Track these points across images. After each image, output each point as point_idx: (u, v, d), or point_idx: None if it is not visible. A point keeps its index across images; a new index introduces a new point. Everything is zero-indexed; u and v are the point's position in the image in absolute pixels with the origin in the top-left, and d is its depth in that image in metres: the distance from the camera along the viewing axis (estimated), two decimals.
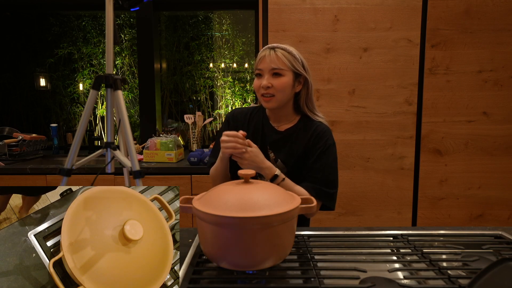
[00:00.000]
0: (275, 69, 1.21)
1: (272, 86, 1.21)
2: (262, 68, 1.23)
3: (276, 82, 1.21)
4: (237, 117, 1.36)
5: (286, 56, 1.22)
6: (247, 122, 1.34)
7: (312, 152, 1.26)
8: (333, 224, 2.23)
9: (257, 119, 1.34)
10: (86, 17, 3.05)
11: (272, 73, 1.22)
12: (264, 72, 1.22)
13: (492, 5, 2.10)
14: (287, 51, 1.23)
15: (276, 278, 0.80)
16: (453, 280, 0.76)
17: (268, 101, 1.23)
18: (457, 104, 2.17)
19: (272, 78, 1.22)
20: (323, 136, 1.27)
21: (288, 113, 1.31)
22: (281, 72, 1.21)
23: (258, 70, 1.24)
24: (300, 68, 1.25)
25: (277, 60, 1.21)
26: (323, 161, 1.25)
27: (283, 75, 1.22)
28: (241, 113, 1.37)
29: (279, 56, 1.21)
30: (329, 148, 1.27)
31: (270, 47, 1.24)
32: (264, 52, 1.24)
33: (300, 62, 1.25)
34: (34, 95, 3.15)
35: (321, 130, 1.28)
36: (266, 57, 1.22)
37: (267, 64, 1.22)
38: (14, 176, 2.22)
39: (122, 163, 1.57)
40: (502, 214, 2.23)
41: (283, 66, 1.21)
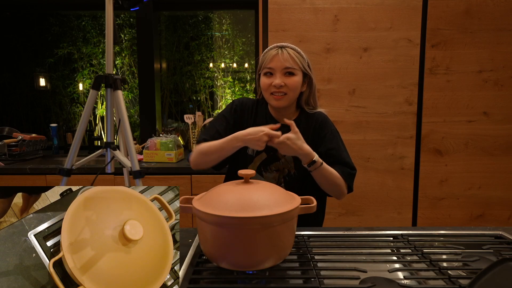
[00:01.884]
0: (288, 68, 1.22)
1: (285, 85, 1.21)
2: (274, 66, 1.22)
3: (289, 81, 1.22)
4: (245, 107, 1.34)
5: (297, 56, 1.23)
6: (253, 114, 1.34)
7: (320, 140, 1.28)
8: (333, 224, 2.23)
9: (261, 113, 1.34)
10: (86, 17, 3.05)
11: (284, 72, 1.22)
12: (276, 71, 1.22)
13: (492, 5, 2.10)
14: (296, 51, 1.24)
15: (276, 278, 0.80)
16: (453, 280, 0.76)
17: (279, 99, 1.23)
18: (457, 104, 2.17)
19: (285, 77, 1.22)
20: (326, 123, 1.31)
21: (291, 110, 1.33)
22: (293, 72, 1.22)
23: (268, 68, 1.23)
24: (307, 68, 1.26)
25: (290, 59, 1.21)
26: (335, 145, 1.28)
27: (296, 75, 1.23)
28: (248, 103, 1.35)
29: (291, 55, 1.22)
30: (336, 133, 1.31)
31: (280, 46, 1.24)
32: (275, 51, 1.23)
33: (306, 62, 1.27)
34: (34, 95, 3.14)
35: (323, 119, 1.31)
36: (279, 55, 1.21)
37: (280, 63, 1.21)
38: (14, 176, 2.21)
39: (122, 163, 1.57)
40: (503, 214, 2.23)
41: (296, 66, 1.22)
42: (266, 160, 1.29)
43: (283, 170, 1.30)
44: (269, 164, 1.30)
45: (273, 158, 1.30)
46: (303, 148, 1.14)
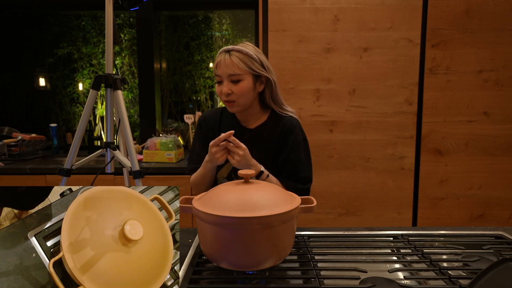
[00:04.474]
0: (232, 75, 1.19)
1: (233, 93, 1.20)
2: (220, 74, 1.21)
3: (235, 88, 1.20)
4: (208, 120, 1.36)
5: (242, 59, 1.19)
6: (218, 123, 1.35)
7: (283, 147, 1.27)
8: (333, 224, 2.23)
9: (227, 120, 1.35)
10: (85, 17, 3.05)
11: (230, 80, 1.20)
12: (223, 78, 1.21)
13: (492, 5, 2.10)
14: (243, 53, 1.20)
15: (276, 278, 0.80)
16: (454, 281, 0.76)
17: (231, 106, 1.23)
18: (457, 104, 2.17)
19: (231, 84, 1.20)
20: (293, 131, 1.27)
21: (255, 112, 1.30)
22: (239, 78, 1.19)
23: (217, 76, 1.22)
24: (258, 69, 1.21)
25: (232, 65, 1.18)
26: (294, 156, 1.26)
27: (242, 80, 1.20)
28: (211, 115, 1.37)
29: (234, 62, 1.18)
30: (300, 143, 1.27)
31: (226, 50, 1.21)
32: (220, 57, 1.21)
33: (258, 61, 1.22)
34: (34, 95, 3.14)
35: (291, 125, 1.28)
36: (222, 62, 1.19)
37: (224, 70, 1.19)
38: (14, 176, 2.21)
39: (122, 163, 1.57)
40: (503, 214, 2.23)
41: (240, 71, 1.19)
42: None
43: None
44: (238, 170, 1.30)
45: None
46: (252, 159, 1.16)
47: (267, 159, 1.27)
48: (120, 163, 1.57)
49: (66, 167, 1.53)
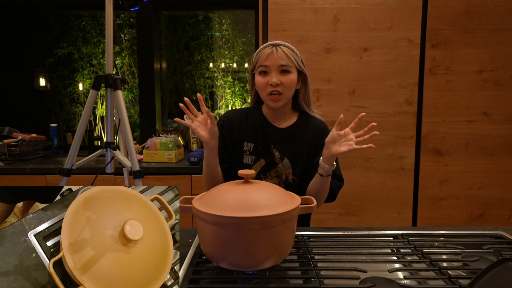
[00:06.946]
0: (283, 66, 1.20)
1: (281, 83, 1.20)
2: (269, 65, 1.20)
3: (285, 79, 1.20)
4: (232, 119, 1.32)
5: (290, 53, 1.22)
6: (244, 123, 1.31)
7: (319, 147, 1.25)
8: (333, 224, 2.23)
9: (255, 119, 1.32)
10: (85, 17, 3.05)
11: (280, 70, 1.20)
12: (271, 69, 1.20)
13: (492, 5, 2.10)
14: (290, 48, 1.23)
15: (276, 278, 0.80)
16: (454, 280, 0.76)
17: (277, 100, 1.21)
18: (457, 104, 2.17)
19: (280, 75, 1.20)
20: (326, 131, 1.30)
21: (287, 110, 1.30)
22: (289, 69, 1.21)
23: (263, 67, 1.21)
24: (302, 66, 1.25)
25: (285, 57, 1.20)
26: None
27: (291, 72, 1.21)
28: (235, 115, 1.33)
29: (286, 53, 1.20)
30: None
31: (273, 44, 1.22)
32: (269, 49, 1.21)
33: (300, 59, 1.25)
34: (34, 95, 3.14)
35: (324, 127, 1.31)
36: (274, 53, 1.20)
37: (275, 61, 1.19)
38: (14, 176, 2.21)
39: (122, 163, 1.57)
40: (503, 214, 2.23)
41: (290, 63, 1.21)
42: (265, 166, 1.28)
43: (282, 176, 1.29)
44: (268, 170, 1.28)
45: (272, 163, 1.28)
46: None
47: (302, 158, 1.28)
48: (120, 163, 1.57)
49: (66, 167, 1.53)
